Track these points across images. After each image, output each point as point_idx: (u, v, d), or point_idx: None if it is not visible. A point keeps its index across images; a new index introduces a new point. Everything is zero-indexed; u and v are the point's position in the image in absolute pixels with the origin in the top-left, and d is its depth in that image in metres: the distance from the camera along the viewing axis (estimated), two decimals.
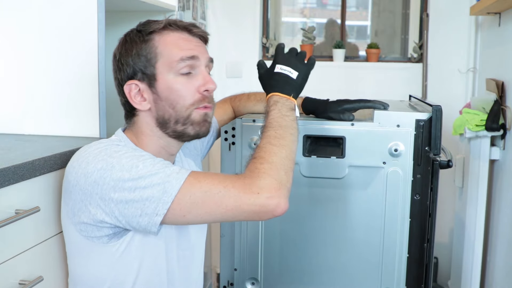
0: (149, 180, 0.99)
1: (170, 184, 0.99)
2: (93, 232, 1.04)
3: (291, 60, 1.19)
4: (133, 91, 1.11)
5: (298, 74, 1.18)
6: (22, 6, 1.53)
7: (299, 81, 1.18)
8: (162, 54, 1.10)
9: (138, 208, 0.99)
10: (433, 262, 1.34)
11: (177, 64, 1.09)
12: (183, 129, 1.12)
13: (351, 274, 1.36)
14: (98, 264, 1.08)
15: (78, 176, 1.02)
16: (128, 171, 0.99)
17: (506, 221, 2.12)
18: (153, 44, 1.10)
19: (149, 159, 1.02)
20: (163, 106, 1.11)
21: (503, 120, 2.14)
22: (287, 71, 1.18)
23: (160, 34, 1.11)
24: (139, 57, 1.10)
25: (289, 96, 1.15)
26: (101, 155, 1.02)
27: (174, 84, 1.10)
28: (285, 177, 1.02)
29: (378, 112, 1.31)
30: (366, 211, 1.33)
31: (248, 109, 1.44)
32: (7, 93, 1.56)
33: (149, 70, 1.10)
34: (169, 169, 1.01)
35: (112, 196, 0.99)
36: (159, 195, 0.98)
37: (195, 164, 1.33)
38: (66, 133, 1.54)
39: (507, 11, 2.19)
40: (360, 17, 3.63)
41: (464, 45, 2.79)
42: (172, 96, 1.10)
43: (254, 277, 1.40)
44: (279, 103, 1.14)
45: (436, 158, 1.26)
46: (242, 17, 3.04)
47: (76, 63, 1.53)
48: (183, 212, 1.00)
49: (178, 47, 1.10)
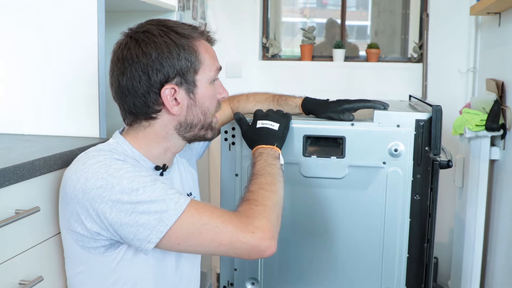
0: (146, 206, 0.99)
1: (167, 214, 0.99)
2: (89, 243, 1.05)
3: (271, 115, 1.29)
4: (170, 95, 1.09)
5: (279, 125, 1.26)
6: (22, 6, 1.53)
7: (281, 131, 1.26)
8: (203, 63, 1.12)
9: (131, 232, 1.00)
10: (433, 262, 1.34)
11: (214, 74, 1.15)
12: (204, 134, 1.17)
13: (351, 274, 1.36)
14: (94, 272, 1.08)
15: (76, 190, 1.02)
16: (128, 194, 0.99)
17: (506, 221, 2.12)
18: (197, 51, 1.11)
19: (149, 183, 1.01)
20: (196, 112, 1.13)
21: (503, 120, 2.14)
22: (269, 124, 1.26)
23: (199, 41, 1.13)
24: (184, 61, 1.08)
25: (273, 146, 1.22)
26: (100, 172, 1.01)
27: (209, 92, 1.14)
28: (276, 221, 1.07)
29: (378, 112, 1.31)
30: (366, 211, 1.33)
31: (247, 110, 1.44)
32: (7, 93, 1.56)
33: (190, 76, 1.10)
34: (168, 196, 1.01)
35: (108, 216, 1.00)
36: (155, 223, 0.99)
37: (188, 164, 1.33)
38: (66, 133, 1.54)
39: (507, 11, 2.19)
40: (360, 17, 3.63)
41: (464, 45, 2.79)
42: (207, 104, 1.14)
43: (254, 277, 1.39)
44: (264, 153, 1.21)
45: (436, 158, 1.26)
46: (242, 17, 3.04)
47: (76, 63, 1.52)
48: (178, 240, 1.01)
49: (214, 57, 1.15)
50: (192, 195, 1.30)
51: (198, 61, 1.11)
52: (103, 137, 1.52)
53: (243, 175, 1.37)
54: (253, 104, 1.44)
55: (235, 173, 1.38)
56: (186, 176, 1.30)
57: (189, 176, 1.31)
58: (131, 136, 1.14)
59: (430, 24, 2.86)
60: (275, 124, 1.26)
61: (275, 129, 1.26)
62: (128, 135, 1.15)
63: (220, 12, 3.01)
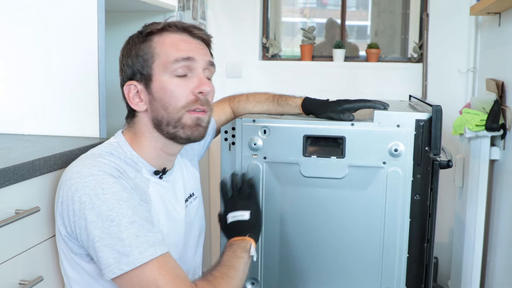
0: (112, 241, 0.97)
1: (127, 259, 0.97)
2: (76, 248, 1.06)
3: (237, 203, 1.24)
4: (131, 92, 1.12)
5: (250, 212, 1.22)
6: (22, 6, 1.53)
7: (253, 218, 1.22)
8: (159, 55, 1.09)
9: (94, 255, 1.00)
10: (433, 262, 1.34)
11: (172, 65, 1.08)
12: (174, 132, 1.10)
13: (351, 274, 1.36)
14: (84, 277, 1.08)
15: (67, 196, 1.02)
16: (102, 221, 0.98)
17: (506, 221, 2.12)
18: (151, 45, 1.10)
19: (127, 217, 0.99)
20: (156, 108, 1.10)
21: (503, 120, 2.14)
22: (239, 216, 1.21)
23: (160, 35, 1.11)
24: (137, 58, 1.10)
25: (245, 237, 1.18)
26: (89, 188, 0.99)
27: (168, 85, 1.08)
28: None
29: (378, 112, 1.31)
30: (366, 211, 1.33)
31: (247, 110, 1.44)
32: (7, 93, 1.56)
33: (146, 71, 1.10)
34: (137, 242, 0.97)
35: (82, 232, 1.00)
36: (112, 262, 0.97)
37: (191, 164, 1.33)
38: (66, 133, 1.54)
39: (507, 11, 2.19)
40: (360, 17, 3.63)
41: (464, 45, 2.79)
42: (165, 98, 1.08)
43: (254, 277, 1.39)
44: (234, 245, 1.16)
45: (436, 158, 1.26)
46: (242, 17, 3.04)
47: (76, 63, 1.52)
48: (128, 286, 0.98)
49: (175, 48, 1.09)
50: (195, 195, 1.29)
51: (151, 54, 1.09)
52: (103, 137, 1.52)
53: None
54: (253, 104, 1.44)
55: (235, 171, 1.38)
56: (189, 177, 1.29)
57: (191, 177, 1.31)
58: (128, 136, 1.15)
59: (430, 24, 2.86)
60: (245, 213, 1.22)
61: (246, 219, 1.21)
62: (126, 134, 1.16)
63: (220, 12, 3.01)
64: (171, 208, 1.17)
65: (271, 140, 1.34)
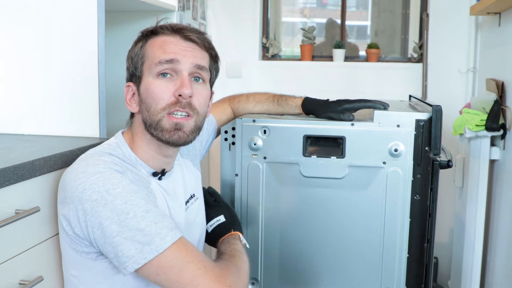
0: (132, 233, 0.98)
1: (149, 247, 0.98)
2: (81, 247, 1.05)
3: (212, 211, 1.32)
4: (129, 93, 1.14)
5: (224, 215, 1.31)
6: (22, 6, 1.53)
7: (228, 218, 1.30)
8: (147, 56, 1.10)
9: (112, 252, 1.00)
10: (433, 262, 1.34)
11: (155, 67, 1.08)
12: (157, 134, 1.09)
13: (351, 274, 1.36)
14: (87, 277, 1.08)
15: (73, 196, 1.01)
16: (118, 215, 0.98)
17: (506, 221, 2.12)
18: (143, 47, 1.12)
19: (142, 207, 1.00)
20: (143, 109, 1.10)
21: (503, 120, 2.14)
22: (215, 222, 1.30)
23: (153, 37, 1.12)
24: (132, 60, 1.13)
25: (230, 233, 1.26)
26: (98, 185, 1.00)
27: (150, 86, 1.08)
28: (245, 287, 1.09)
29: (378, 112, 1.31)
30: (366, 211, 1.33)
31: (248, 110, 1.44)
32: (7, 93, 1.56)
33: (137, 72, 1.12)
34: (156, 229, 0.99)
35: (95, 231, 1.00)
36: (135, 253, 0.98)
37: (192, 165, 1.32)
38: (66, 133, 1.54)
39: (507, 11, 2.19)
40: (360, 17, 3.63)
41: (464, 45, 2.79)
42: (148, 99, 1.09)
43: (254, 277, 1.39)
44: (225, 241, 1.23)
45: (436, 158, 1.26)
46: (242, 17, 3.04)
47: (76, 63, 1.52)
48: (158, 271, 0.99)
49: (162, 49, 1.09)
50: (195, 196, 1.29)
51: (141, 56, 1.11)
52: (103, 137, 1.52)
53: (243, 175, 1.37)
54: (253, 104, 1.44)
55: (235, 173, 1.38)
56: (190, 178, 1.28)
57: (192, 177, 1.30)
58: (127, 136, 1.16)
59: (430, 24, 2.86)
60: (220, 217, 1.30)
61: (223, 220, 1.30)
62: (126, 135, 1.16)
63: (220, 12, 3.01)
64: (171, 209, 1.17)
65: (271, 140, 1.34)
